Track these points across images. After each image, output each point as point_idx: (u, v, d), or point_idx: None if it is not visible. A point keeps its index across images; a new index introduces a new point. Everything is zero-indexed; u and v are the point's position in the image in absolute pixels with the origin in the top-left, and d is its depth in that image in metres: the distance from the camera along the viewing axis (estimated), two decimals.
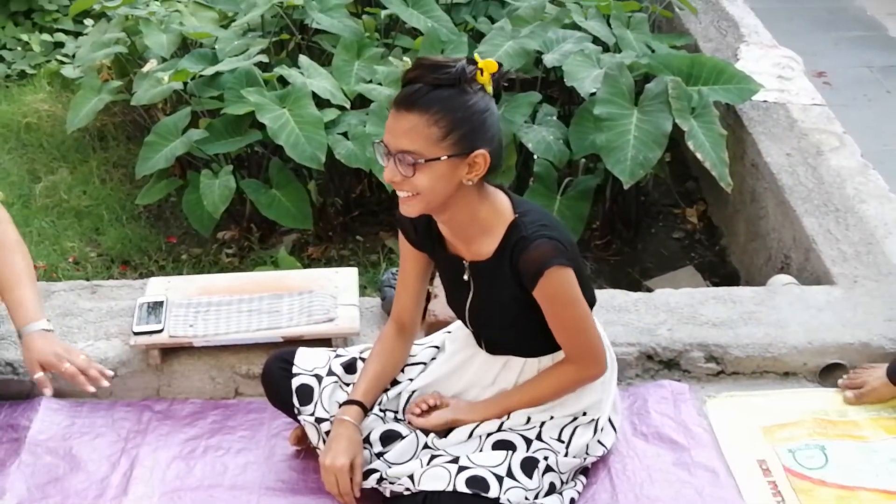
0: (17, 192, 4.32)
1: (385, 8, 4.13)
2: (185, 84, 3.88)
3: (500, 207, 2.08)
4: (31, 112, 4.87)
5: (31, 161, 4.57)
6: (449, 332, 2.43)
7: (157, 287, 2.85)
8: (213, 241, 3.99)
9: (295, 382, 2.29)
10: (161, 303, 2.74)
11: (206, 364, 2.69)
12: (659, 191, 4.29)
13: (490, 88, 1.95)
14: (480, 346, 2.27)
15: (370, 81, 3.80)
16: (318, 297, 2.73)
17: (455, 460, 2.11)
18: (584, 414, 2.24)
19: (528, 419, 2.21)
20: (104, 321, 2.82)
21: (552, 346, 2.20)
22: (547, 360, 2.23)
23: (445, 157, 1.91)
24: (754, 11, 4.84)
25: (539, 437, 2.20)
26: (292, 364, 2.32)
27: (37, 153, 4.63)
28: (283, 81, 3.75)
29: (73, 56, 5.17)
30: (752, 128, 3.66)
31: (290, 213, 3.69)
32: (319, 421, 2.25)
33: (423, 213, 2.02)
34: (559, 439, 2.21)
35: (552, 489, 2.16)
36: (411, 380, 2.35)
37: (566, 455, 2.19)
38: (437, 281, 2.75)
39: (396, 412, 2.31)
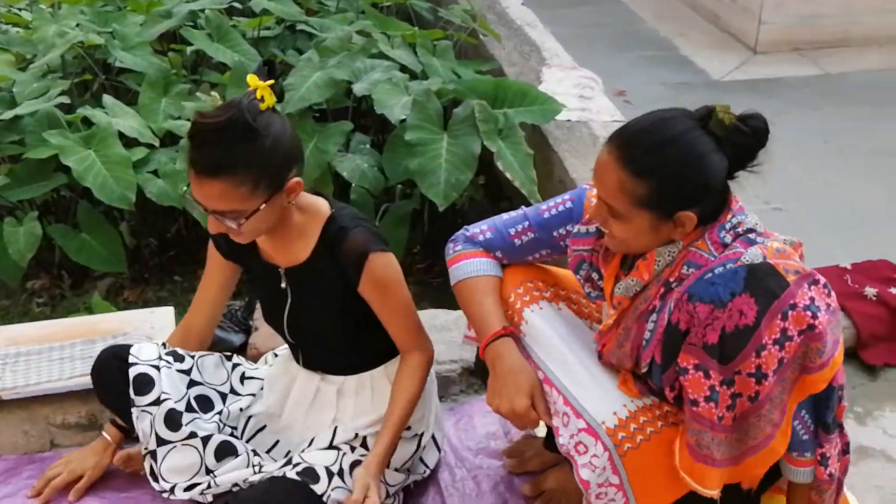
0: None
1: (190, 44, 4.09)
2: None
3: (316, 208, 2.08)
4: None
5: None
6: (276, 355, 2.44)
7: None
8: (21, 291, 3.82)
9: (133, 372, 2.19)
10: None
11: (18, 417, 2.58)
12: (475, 212, 4.38)
13: (273, 99, 1.90)
14: (298, 361, 2.26)
15: (179, 118, 3.75)
16: (134, 339, 2.66)
17: (288, 462, 2.14)
18: (409, 428, 2.26)
19: (356, 435, 2.21)
20: None
21: (367, 362, 2.22)
22: (365, 378, 2.23)
23: (264, 205, 1.91)
24: (555, 36, 5.04)
25: (364, 445, 2.20)
26: (126, 358, 2.23)
27: None
28: (87, 122, 3.64)
29: None
30: (558, 146, 3.81)
31: (101, 256, 3.58)
32: (159, 402, 2.17)
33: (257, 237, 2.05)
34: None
35: None
36: (253, 395, 2.33)
37: (388, 466, 2.19)
38: (259, 314, 2.73)
39: (235, 428, 2.29)
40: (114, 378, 2.23)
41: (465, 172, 3.42)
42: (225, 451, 2.19)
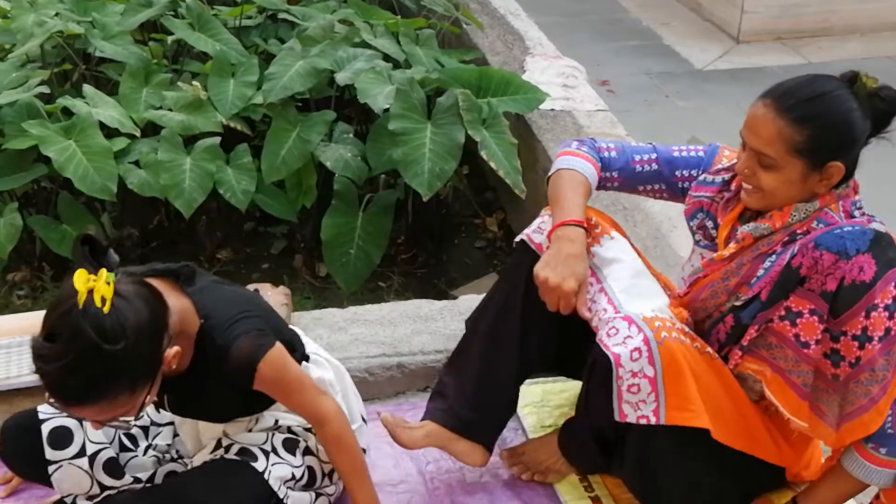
0: None
1: (171, 33, 4.05)
2: None
3: (186, 319, 1.88)
4: None
5: None
6: None
7: None
8: (2, 283, 3.79)
9: (46, 428, 2.06)
10: None
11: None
12: (459, 202, 4.38)
13: (109, 290, 1.67)
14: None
15: (160, 108, 3.71)
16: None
17: (218, 444, 2.10)
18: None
19: (276, 421, 2.15)
20: None
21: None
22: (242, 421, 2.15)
23: (147, 394, 1.80)
24: (538, 25, 5.03)
25: (289, 430, 2.16)
26: (29, 424, 2.08)
27: None
28: (67, 112, 3.61)
29: None
30: (542, 135, 3.80)
31: None
32: (84, 452, 2.07)
33: None
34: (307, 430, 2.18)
35: (312, 479, 2.14)
36: (171, 423, 2.25)
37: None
38: None
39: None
40: (24, 441, 2.07)
41: (450, 162, 3.40)
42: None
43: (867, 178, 2.04)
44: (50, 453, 2.06)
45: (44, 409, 2.09)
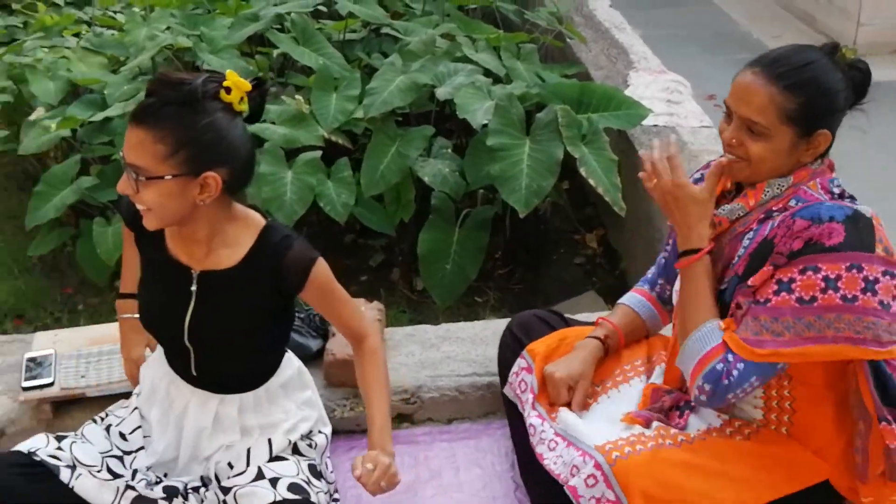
0: None
1: (276, 47, 4.12)
2: (75, 131, 3.81)
3: (249, 219, 2.02)
4: None
5: None
6: (135, 395, 2.29)
7: (44, 340, 2.77)
8: (110, 290, 3.90)
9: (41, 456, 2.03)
10: (49, 356, 2.67)
11: (96, 412, 2.62)
12: (559, 217, 4.34)
13: (243, 107, 1.88)
14: (190, 373, 2.12)
15: (264, 121, 3.78)
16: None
17: (260, 475, 2.07)
18: (320, 432, 2.24)
19: (289, 442, 2.15)
20: None
21: (263, 376, 2.15)
22: (261, 392, 2.15)
23: (170, 177, 1.84)
24: (643, 38, 4.95)
25: (296, 451, 2.16)
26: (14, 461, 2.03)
27: None
28: None
29: None
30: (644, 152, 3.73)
31: None
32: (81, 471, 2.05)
33: (161, 227, 1.96)
34: (310, 447, 2.20)
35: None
36: (142, 447, 2.20)
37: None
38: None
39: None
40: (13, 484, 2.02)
41: (548, 178, 3.37)
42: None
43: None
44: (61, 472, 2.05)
45: (24, 449, 2.07)
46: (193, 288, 2.02)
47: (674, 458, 1.93)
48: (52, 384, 2.58)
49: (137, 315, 2.18)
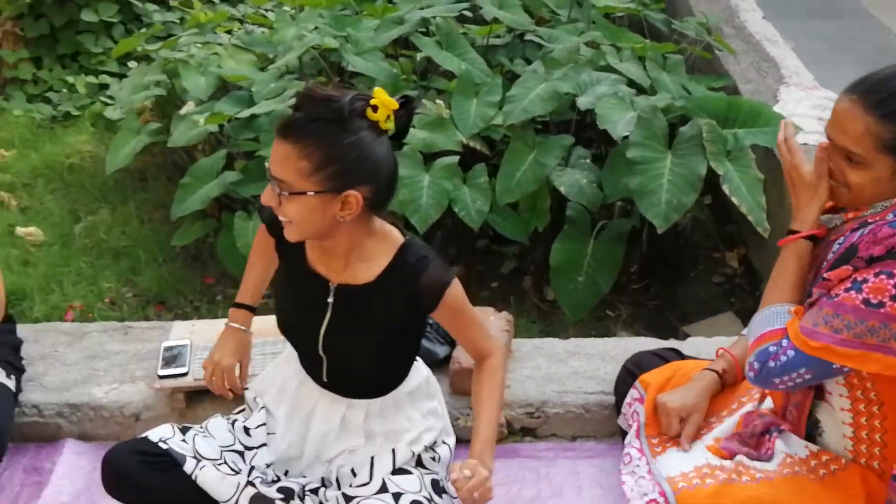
0: (58, 233, 4.37)
1: (420, 50, 4.14)
2: (222, 126, 3.92)
3: (388, 235, 2.03)
4: (75, 153, 4.96)
5: (73, 201, 4.63)
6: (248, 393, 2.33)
7: (182, 331, 2.85)
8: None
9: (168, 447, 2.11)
10: (185, 346, 2.74)
11: (231, 406, 2.67)
12: (699, 233, 4.23)
13: (389, 125, 1.87)
14: (321, 378, 2.15)
15: None
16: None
17: (384, 489, 2.07)
18: (444, 443, 2.23)
19: (413, 453, 2.14)
20: (130, 364, 2.83)
21: (393, 384, 2.16)
22: (388, 399, 2.16)
23: (313, 193, 1.85)
24: (797, 52, 4.77)
25: (420, 464, 2.16)
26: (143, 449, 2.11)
27: (79, 193, 4.69)
28: None
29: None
30: None
31: None
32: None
33: (301, 239, 1.99)
34: (434, 459, 2.19)
35: None
36: (264, 444, 2.22)
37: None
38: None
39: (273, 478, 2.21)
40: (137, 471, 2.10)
41: (689, 194, 3.28)
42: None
43: None
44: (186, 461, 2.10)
45: (153, 438, 2.14)
46: (330, 300, 2.05)
47: (742, 493, 1.91)
48: (185, 374, 2.66)
49: (244, 328, 2.30)
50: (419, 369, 2.25)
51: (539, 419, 2.60)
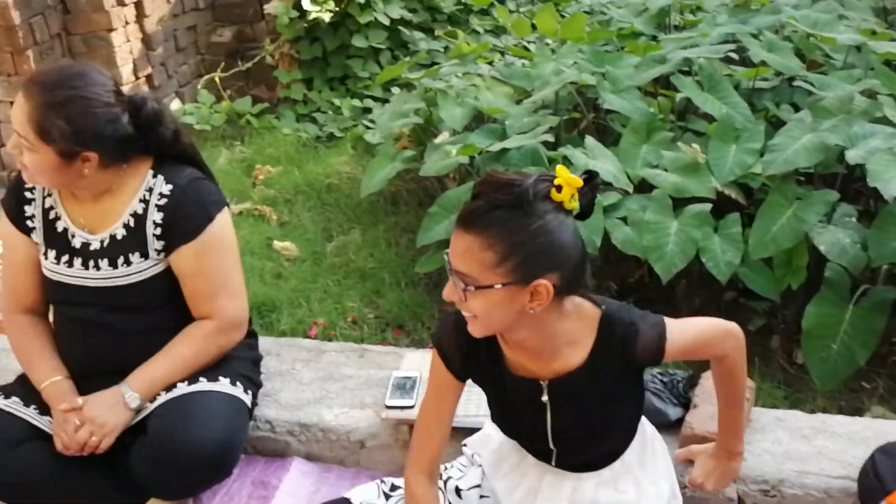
0: (310, 249, 4.56)
1: (679, 91, 4.01)
2: (472, 158, 3.94)
3: (583, 311, 1.91)
4: (334, 173, 5.16)
5: (328, 220, 4.82)
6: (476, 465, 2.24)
7: (413, 361, 2.87)
8: None
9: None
10: (415, 378, 2.75)
11: (452, 447, 2.65)
12: None
13: (574, 204, 1.76)
14: (550, 463, 2.06)
15: (656, 166, 3.68)
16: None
17: None
18: None
19: None
20: (361, 389, 2.87)
21: (621, 447, 2.07)
22: (616, 466, 2.06)
23: (500, 286, 1.74)
24: None
25: None
26: None
27: (334, 212, 4.88)
28: (567, 161, 3.71)
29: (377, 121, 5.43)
30: None
31: None
32: None
33: (487, 335, 1.87)
34: None
35: None
36: None
37: None
38: (699, 389, 2.58)
39: None
40: None
41: None
42: None
43: None
44: None
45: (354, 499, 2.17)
46: (545, 398, 1.97)
47: None
48: (412, 406, 2.66)
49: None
50: (644, 427, 2.14)
51: (774, 498, 2.41)
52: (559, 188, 1.74)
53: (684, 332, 1.95)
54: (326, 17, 5.79)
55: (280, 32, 5.97)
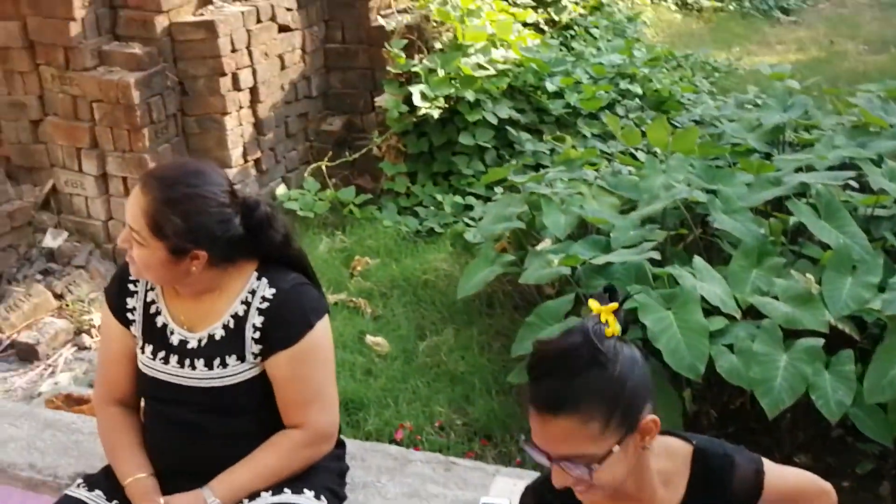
0: (402, 347, 4.50)
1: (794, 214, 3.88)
2: (574, 268, 3.86)
3: (672, 449, 1.85)
4: (431, 269, 5.12)
5: (422, 317, 4.77)
6: None
7: (503, 486, 2.75)
8: None
9: None
10: None
11: None
12: None
13: (616, 329, 1.70)
14: None
15: (766, 293, 3.55)
16: None
17: None
18: None
19: None
20: None
21: None
22: None
23: (617, 447, 1.67)
24: None
25: None
26: None
27: (428, 310, 4.83)
28: (673, 280, 3.60)
29: (478, 220, 5.39)
30: None
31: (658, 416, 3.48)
32: None
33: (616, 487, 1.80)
34: None
35: None
36: None
37: None
38: None
39: None
40: None
41: None
42: None
43: None
44: None
45: None
46: None
47: None
48: None
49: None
50: None
51: None
52: (606, 323, 1.71)
53: (783, 476, 1.90)
54: (435, 113, 5.83)
55: (389, 125, 6.02)
